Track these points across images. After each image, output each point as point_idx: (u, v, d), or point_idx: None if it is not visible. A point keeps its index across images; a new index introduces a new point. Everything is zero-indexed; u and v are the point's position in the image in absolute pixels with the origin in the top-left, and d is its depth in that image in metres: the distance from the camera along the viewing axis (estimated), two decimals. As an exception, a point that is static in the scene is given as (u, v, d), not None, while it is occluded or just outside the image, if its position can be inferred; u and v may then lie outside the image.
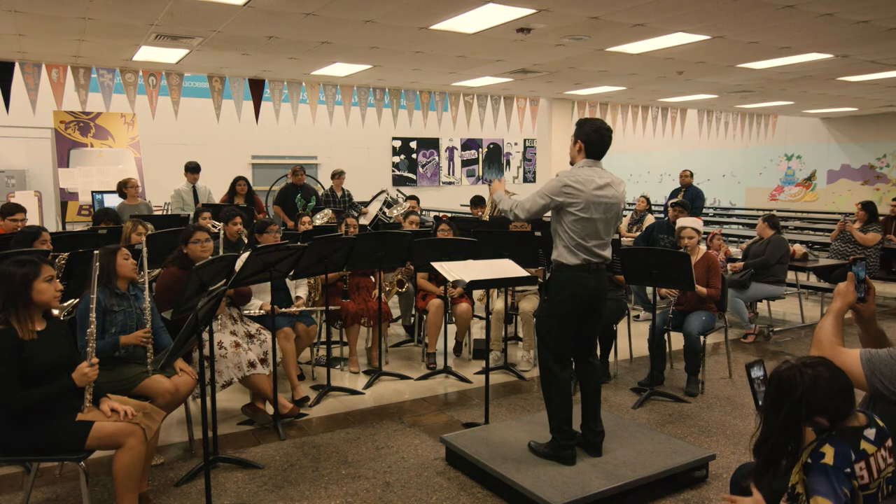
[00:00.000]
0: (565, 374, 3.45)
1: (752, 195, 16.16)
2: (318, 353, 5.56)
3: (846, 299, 2.26)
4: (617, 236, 4.91)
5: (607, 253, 3.45)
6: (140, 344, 3.42)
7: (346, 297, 5.35)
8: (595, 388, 3.54)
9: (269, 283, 4.16)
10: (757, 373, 2.22)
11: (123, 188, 7.51)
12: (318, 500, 3.32)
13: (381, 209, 8.76)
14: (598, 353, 4.94)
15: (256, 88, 9.21)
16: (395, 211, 8.65)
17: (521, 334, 5.75)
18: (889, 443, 1.92)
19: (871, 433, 1.89)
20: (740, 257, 6.67)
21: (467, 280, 3.69)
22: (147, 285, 3.58)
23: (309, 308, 4.97)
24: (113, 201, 8.72)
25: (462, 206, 13.78)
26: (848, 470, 1.84)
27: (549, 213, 3.52)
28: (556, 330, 3.43)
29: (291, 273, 4.41)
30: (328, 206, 8.32)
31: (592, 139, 3.41)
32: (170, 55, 7.51)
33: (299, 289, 5.10)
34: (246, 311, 4.40)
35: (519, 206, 3.48)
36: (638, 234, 8.16)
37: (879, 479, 1.87)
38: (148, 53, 7.37)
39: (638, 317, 7.21)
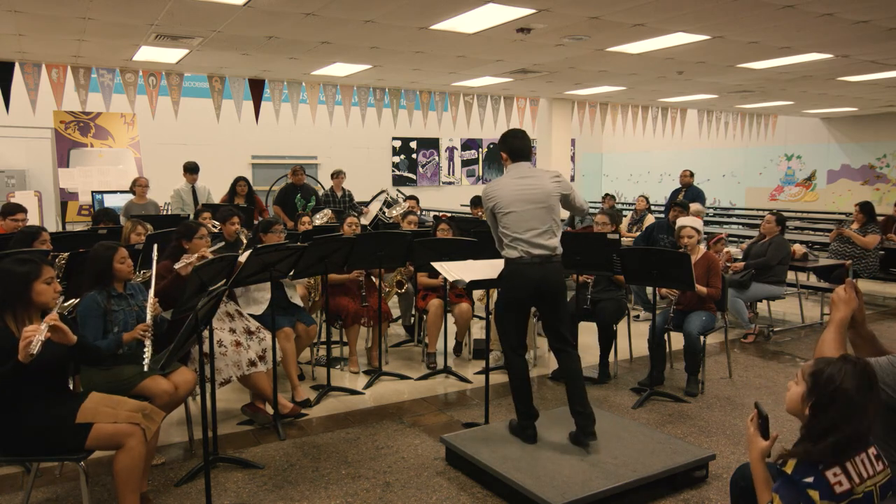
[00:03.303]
0: (517, 360, 3.70)
1: (752, 195, 16.16)
2: (318, 353, 5.56)
3: (850, 306, 2.22)
4: (617, 236, 4.90)
5: (550, 242, 3.58)
6: (140, 338, 3.34)
7: (364, 304, 5.28)
8: (574, 374, 3.65)
9: (269, 283, 4.16)
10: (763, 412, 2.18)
11: (133, 186, 7.59)
12: (318, 500, 3.32)
13: (381, 209, 8.77)
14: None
15: (256, 88, 9.21)
16: (394, 211, 8.65)
17: (521, 334, 5.75)
18: (873, 450, 1.90)
19: None
20: (741, 257, 6.67)
21: (467, 280, 3.75)
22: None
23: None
24: (112, 201, 8.75)
25: (462, 206, 13.78)
26: (811, 479, 1.84)
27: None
28: (504, 318, 3.71)
29: (291, 273, 4.42)
30: (328, 206, 8.32)
31: (512, 144, 3.69)
32: (170, 55, 7.51)
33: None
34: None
35: (497, 242, 3.77)
36: (638, 234, 8.17)
37: (867, 486, 1.85)
38: (148, 53, 7.37)
39: (638, 317, 7.21)
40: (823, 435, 1.86)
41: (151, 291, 3.51)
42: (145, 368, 3.29)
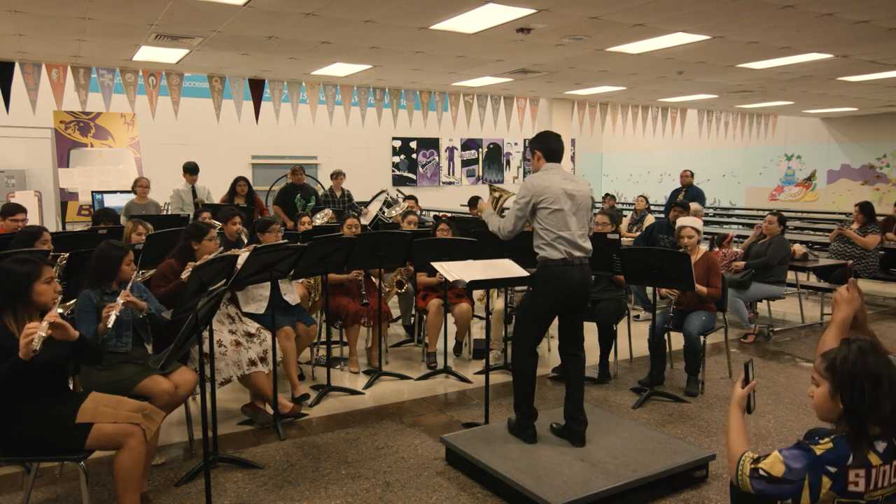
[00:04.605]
0: (531, 360, 3.75)
1: (752, 195, 16.16)
2: (318, 353, 5.56)
3: (853, 306, 2.22)
4: (617, 236, 4.91)
5: (588, 245, 3.68)
6: (106, 314, 3.21)
7: (364, 301, 5.26)
8: (578, 379, 3.73)
9: (268, 283, 4.16)
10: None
11: (135, 186, 7.62)
12: (318, 500, 3.32)
13: (380, 209, 8.77)
14: (601, 350, 4.99)
15: (256, 88, 9.21)
16: (394, 211, 8.66)
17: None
18: None
19: (881, 446, 1.85)
20: (741, 257, 6.67)
21: (467, 280, 3.75)
22: None
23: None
24: (112, 201, 8.75)
25: (462, 205, 13.77)
26: (833, 469, 1.82)
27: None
28: (535, 320, 3.72)
29: (292, 273, 4.41)
30: (328, 207, 8.32)
31: (549, 146, 3.74)
32: (170, 55, 7.51)
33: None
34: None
35: (503, 225, 3.75)
36: (638, 234, 8.17)
37: (876, 495, 1.84)
38: (148, 53, 7.37)
39: (638, 317, 7.21)
40: (869, 412, 1.83)
41: (128, 287, 3.44)
42: (110, 323, 3.19)
